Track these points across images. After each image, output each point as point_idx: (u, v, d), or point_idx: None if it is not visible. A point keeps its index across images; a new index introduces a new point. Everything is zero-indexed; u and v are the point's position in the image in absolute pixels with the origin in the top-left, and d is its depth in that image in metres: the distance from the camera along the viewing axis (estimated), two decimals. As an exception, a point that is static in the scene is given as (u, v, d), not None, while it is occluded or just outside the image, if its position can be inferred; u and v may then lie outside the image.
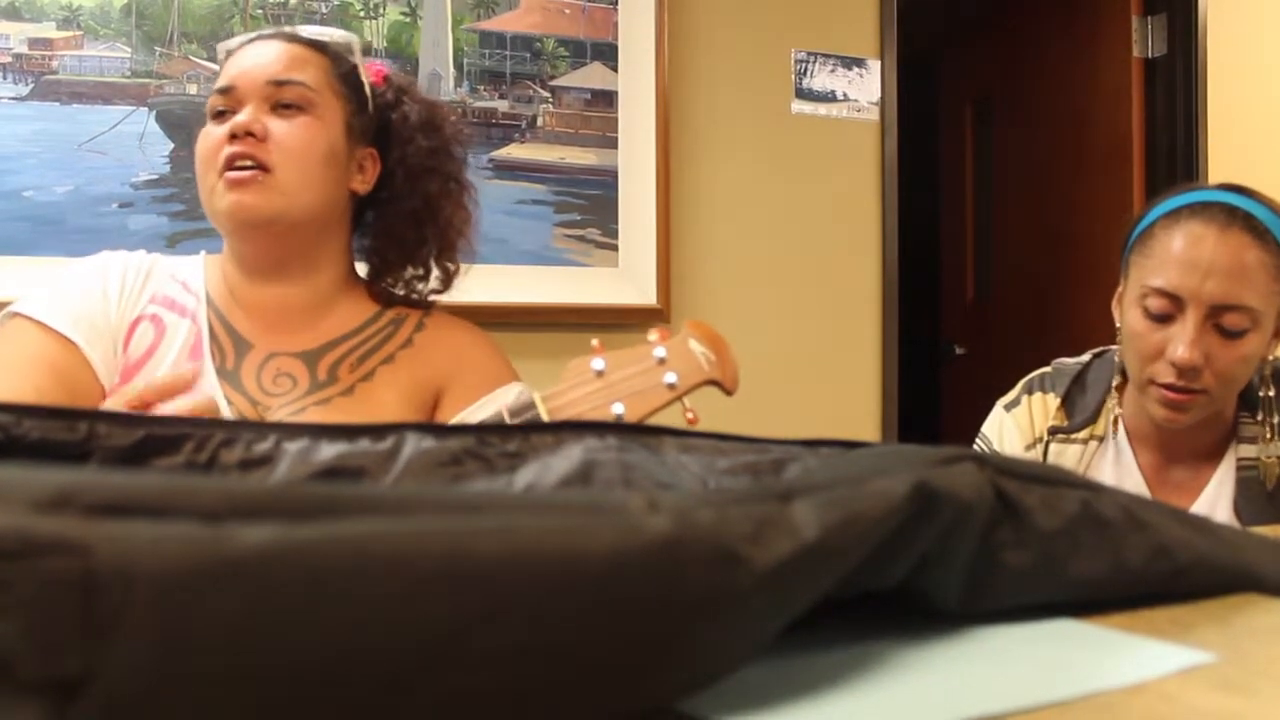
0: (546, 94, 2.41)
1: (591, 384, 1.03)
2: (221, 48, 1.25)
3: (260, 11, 2.17)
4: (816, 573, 0.33)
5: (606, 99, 2.44)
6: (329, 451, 0.51)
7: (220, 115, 1.17)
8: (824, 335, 2.69)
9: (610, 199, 2.43)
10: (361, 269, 1.31)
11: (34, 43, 2.04)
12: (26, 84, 2.03)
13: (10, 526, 0.21)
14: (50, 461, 0.46)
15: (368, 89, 1.26)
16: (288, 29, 1.24)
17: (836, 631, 0.41)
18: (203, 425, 0.50)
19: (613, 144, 2.44)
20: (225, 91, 1.17)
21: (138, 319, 1.18)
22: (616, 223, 2.43)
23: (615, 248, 2.43)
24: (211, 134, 1.16)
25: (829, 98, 2.70)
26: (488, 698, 0.26)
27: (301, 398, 1.16)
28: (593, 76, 2.44)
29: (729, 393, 1.08)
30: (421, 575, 0.24)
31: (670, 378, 1.04)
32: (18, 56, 2.03)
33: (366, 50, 2.23)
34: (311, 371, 1.18)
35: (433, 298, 1.31)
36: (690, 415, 1.06)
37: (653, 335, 1.07)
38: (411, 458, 0.51)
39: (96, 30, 2.07)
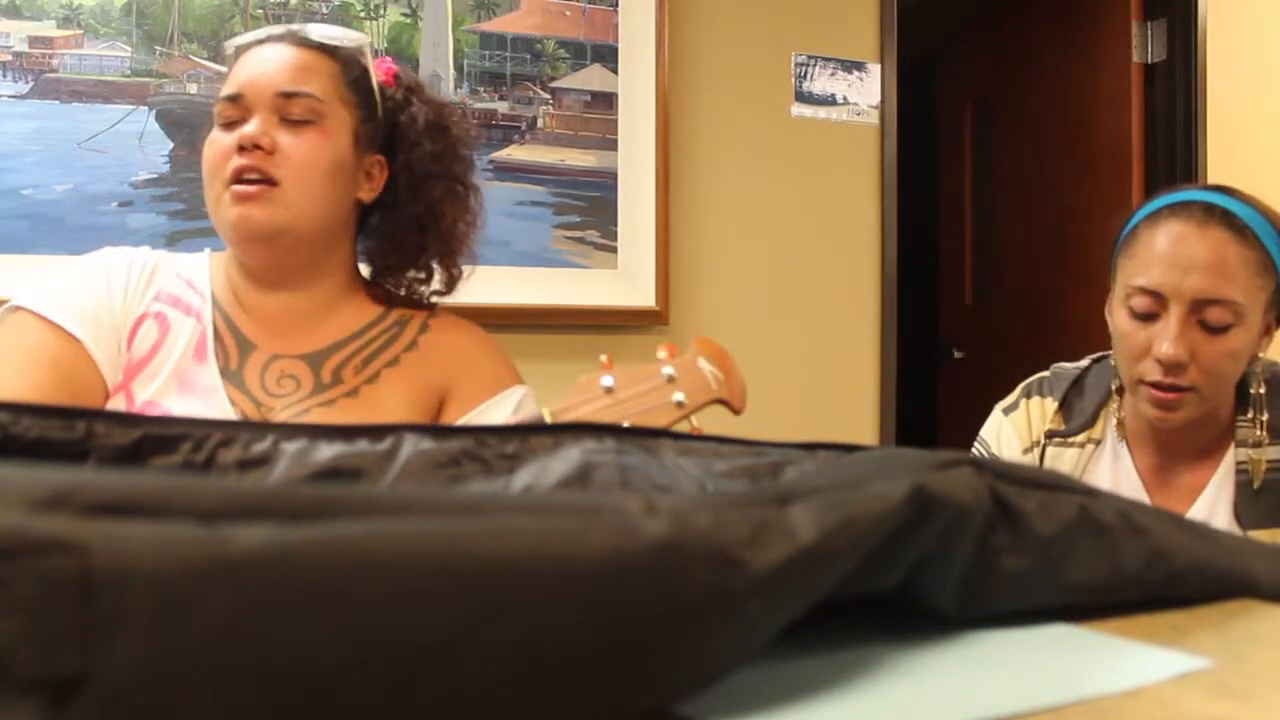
0: (546, 95, 2.41)
1: (600, 400, 1.04)
2: (229, 44, 1.23)
3: (261, 11, 2.17)
4: (813, 576, 0.33)
5: (606, 101, 2.45)
6: (327, 452, 0.51)
7: (229, 124, 1.16)
8: (823, 338, 2.69)
9: (610, 201, 2.43)
10: (365, 269, 1.31)
11: (34, 41, 2.04)
12: (26, 82, 2.03)
13: (7, 526, 0.21)
14: (48, 460, 0.46)
15: (377, 93, 1.24)
16: (298, 29, 1.22)
17: (833, 635, 0.41)
18: (200, 425, 0.50)
19: (613, 146, 2.44)
20: (234, 99, 1.16)
21: (142, 316, 1.18)
22: (616, 224, 2.43)
23: (614, 249, 2.43)
24: (219, 142, 1.15)
25: (829, 101, 2.70)
26: (485, 699, 0.26)
27: (305, 399, 1.16)
28: (593, 78, 2.45)
29: (737, 412, 1.09)
30: (419, 576, 0.24)
31: (678, 396, 1.04)
32: (18, 55, 2.03)
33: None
34: (315, 373, 1.18)
35: (435, 300, 1.31)
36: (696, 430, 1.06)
37: (661, 353, 1.07)
38: (409, 459, 0.51)
39: (97, 29, 2.07)
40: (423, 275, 1.28)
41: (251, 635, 0.22)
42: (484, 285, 2.30)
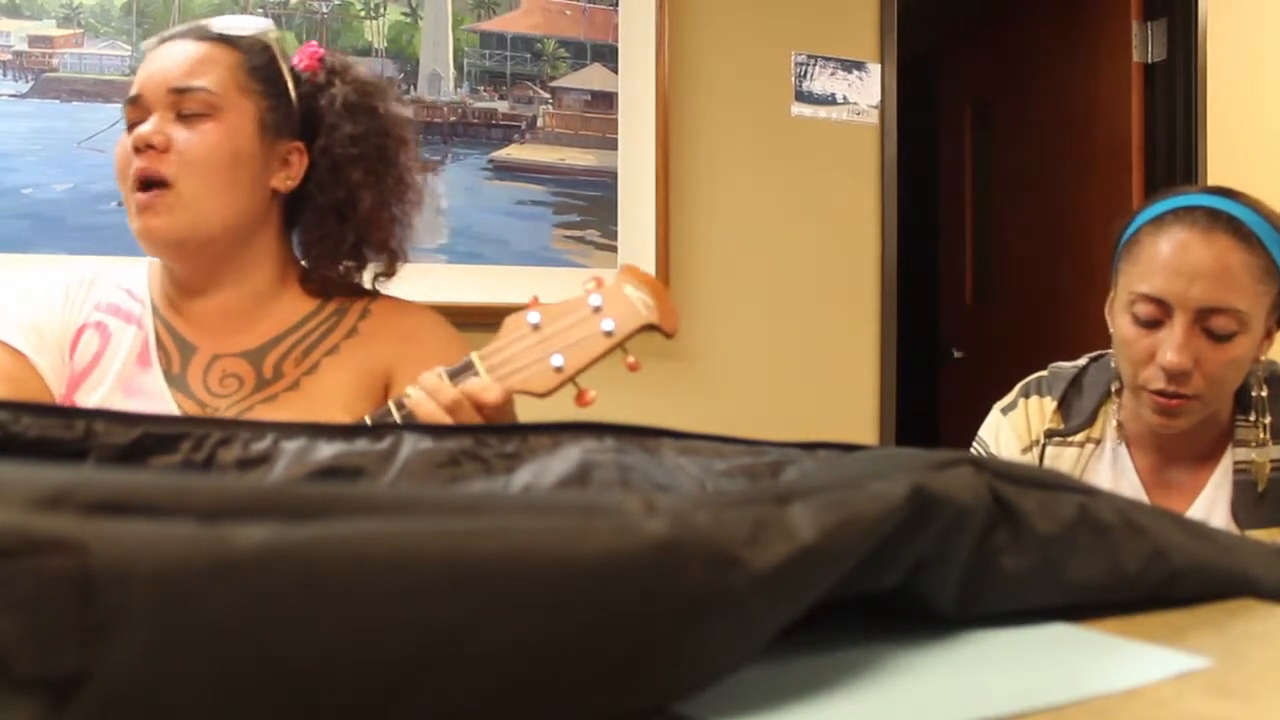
0: (546, 95, 2.41)
1: (529, 338, 1.02)
2: (145, 45, 1.22)
3: (260, 10, 2.17)
4: (813, 575, 0.33)
5: (606, 100, 2.44)
6: (327, 451, 0.51)
7: (132, 126, 1.14)
8: (822, 337, 2.69)
9: (610, 200, 2.43)
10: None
11: (34, 40, 2.04)
12: (26, 81, 2.03)
13: (8, 524, 0.21)
14: (48, 459, 0.46)
15: (288, 78, 1.21)
16: (202, 22, 1.19)
17: (833, 634, 0.41)
18: (200, 424, 0.50)
19: (612, 145, 2.44)
20: (134, 101, 1.14)
21: (82, 327, 1.18)
22: (616, 224, 2.43)
23: (614, 249, 2.43)
24: (123, 145, 1.14)
25: (829, 100, 2.70)
26: (484, 698, 0.26)
27: (248, 396, 1.16)
28: (593, 78, 2.45)
29: (668, 335, 1.05)
30: (419, 576, 0.24)
31: (608, 324, 1.02)
32: (18, 54, 2.03)
33: (366, 50, 2.24)
34: (257, 370, 1.18)
35: (379, 285, 1.29)
36: (631, 359, 1.04)
37: (589, 284, 1.04)
38: (409, 458, 0.51)
39: (97, 28, 2.07)
40: (353, 264, 1.25)
41: (251, 634, 0.22)
42: (483, 284, 2.32)
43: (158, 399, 1.15)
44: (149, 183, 1.11)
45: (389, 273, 1.28)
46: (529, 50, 2.40)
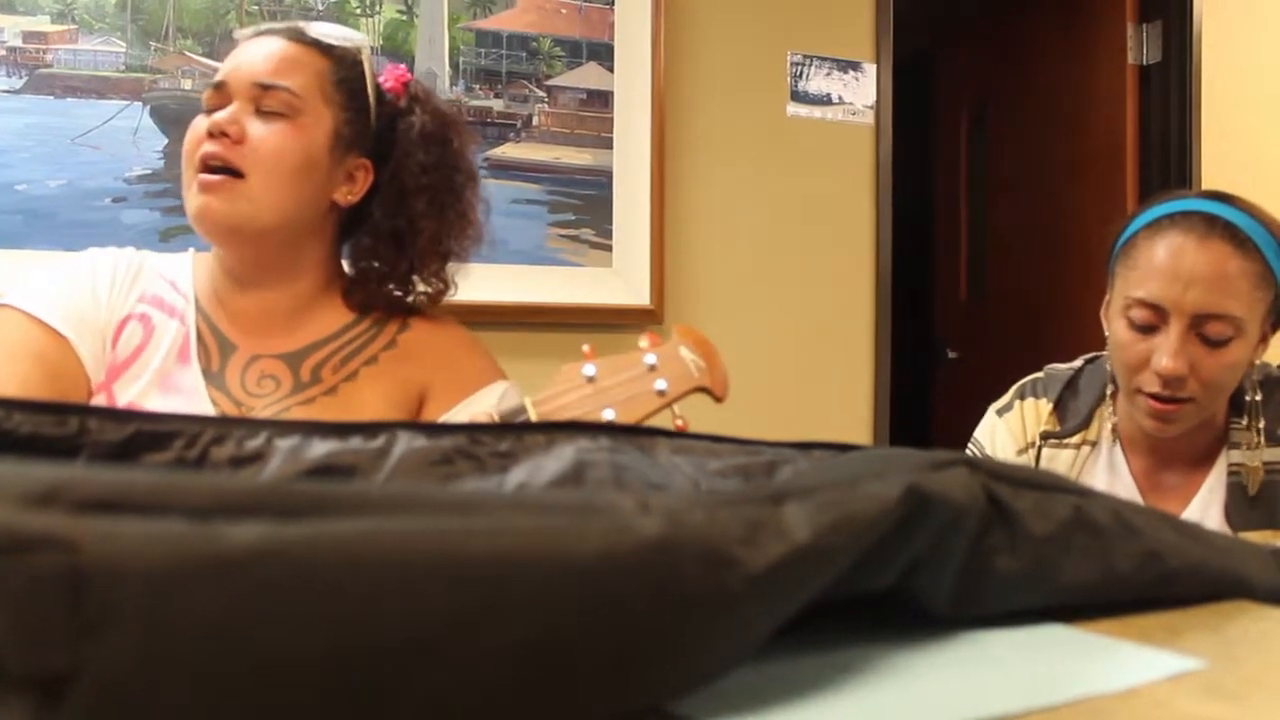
0: (542, 94, 2.41)
1: (582, 389, 1.03)
2: (237, 36, 1.23)
3: (256, 7, 2.17)
4: (808, 575, 0.33)
5: (602, 99, 2.44)
6: (320, 449, 0.50)
7: (211, 110, 1.16)
8: (817, 337, 2.69)
9: (605, 199, 2.43)
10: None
11: (28, 36, 2.03)
12: (20, 77, 2.02)
13: (-2, 522, 0.21)
14: (40, 456, 0.45)
15: (371, 96, 1.23)
16: (300, 24, 1.21)
17: (828, 634, 0.41)
18: (193, 421, 0.50)
19: (608, 144, 2.44)
20: (218, 87, 1.16)
21: (127, 317, 1.18)
22: (611, 223, 2.43)
23: (609, 248, 2.42)
24: (197, 127, 1.15)
25: (824, 100, 2.70)
26: (478, 697, 0.25)
27: (285, 398, 1.16)
28: (589, 77, 2.44)
29: (719, 399, 1.08)
30: (413, 574, 0.24)
31: (661, 384, 1.04)
32: (11, 49, 2.02)
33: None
34: (295, 373, 1.18)
35: (420, 306, 1.29)
36: (680, 422, 1.06)
37: (643, 342, 1.07)
38: (403, 456, 0.51)
39: (91, 24, 2.07)
40: (402, 290, 1.26)
41: (243, 633, 0.22)
42: (478, 283, 2.30)
43: (195, 396, 1.15)
44: (218, 169, 1.12)
45: (434, 301, 1.29)
46: (525, 49, 2.39)
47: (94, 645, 0.21)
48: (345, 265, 1.27)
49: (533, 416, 1.02)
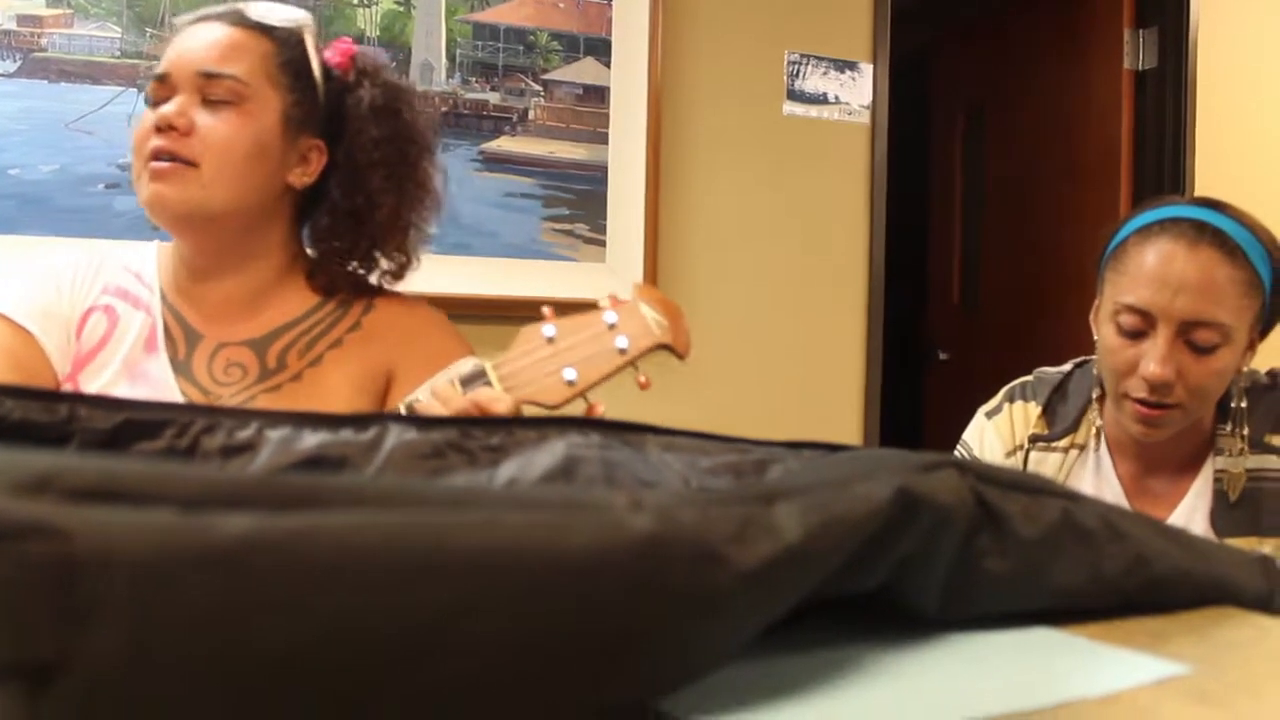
0: (538, 88, 2.40)
1: (542, 350, 1.03)
2: (177, 23, 1.21)
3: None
4: (797, 574, 0.33)
5: (598, 94, 2.44)
6: (311, 440, 0.50)
7: (156, 103, 1.14)
8: (809, 335, 2.69)
9: (599, 194, 2.43)
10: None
11: (23, 19, 2.02)
12: (14, 61, 2.01)
13: (-11, 509, 0.21)
14: (30, 443, 0.45)
15: (318, 75, 1.20)
16: (239, 7, 1.18)
17: (816, 634, 0.41)
18: (184, 411, 0.50)
19: (603, 140, 2.44)
20: (161, 79, 1.14)
21: (90, 309, 1.18)
22: (605, 218, 2.43)
23: (603, 243, 2.42)
24: (144, 121, 1.14)
25: (820, 100, 2.70)
26: (466, 690, 0.25)
27: (251, 385, 1.16)
28: (585, 71, 2.44)
29: (681, 357, 1.07)
30: (403, 567, 0.24)
31: (621, 342, 1.03)
32: (6, 33, 2.01)
33: (359, 39, 2.23)
34: (261, 359, 1.18)
35: (385, 284, 1.28)
36: (642, 378, 1.05)
37: (604, 301, 1.05)
38: (394, 449, 0.51)
39: (87, 9, 2.06)
40: (364, 266, 1.25)
41: (233, 625, 0.22)
42: (471, 276, 2.31)
43: (162, 385, 1.15)
44: (168, 159, 1.11)
45: (398, 276, 1.28)
46: (522, 42, 2.39)
47: (83, 634, 0.21)
48: (307, 248, 1.26)
49: (493, 379, 1.02)
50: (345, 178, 1.21)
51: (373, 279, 1.27)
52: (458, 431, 0.52)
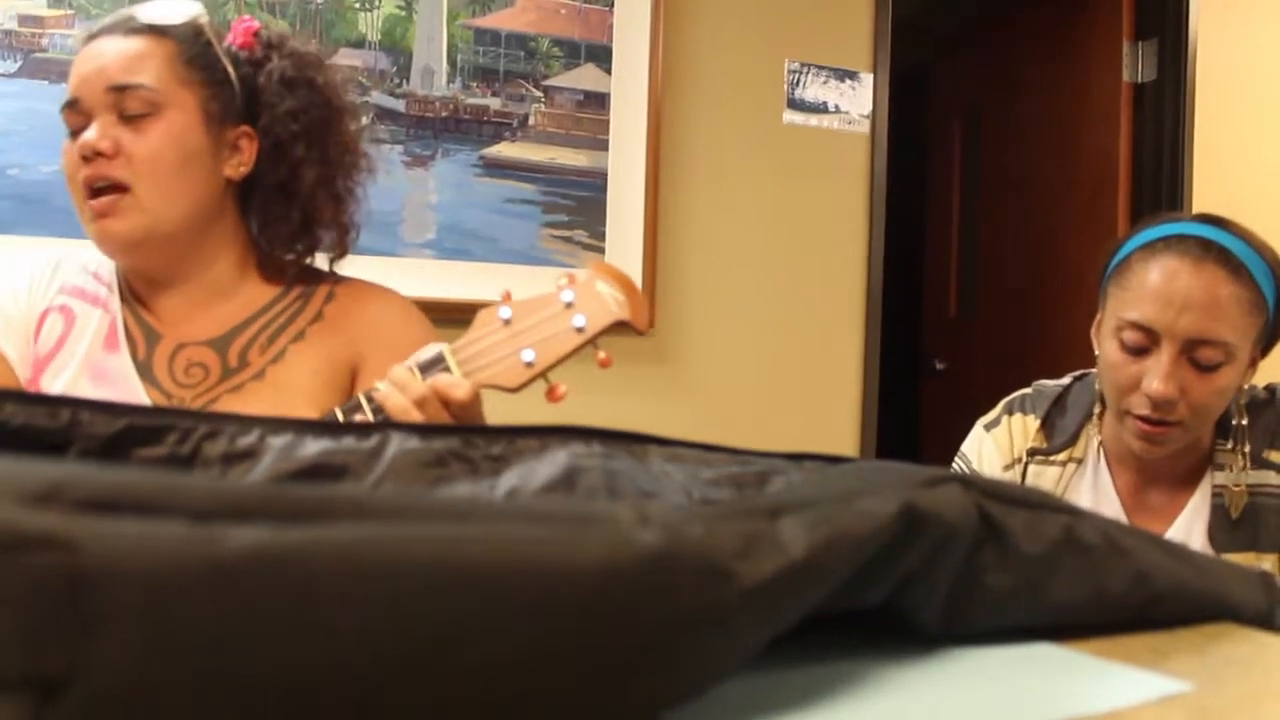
0: (539, 93, 2.40)
1: (500, 333, 1.02)
2: (75, 46, 1.18)
3: (253, 1, 2.16)
4: (802, 590, 0.33)
5: (599, 101, 2.44)
6: (313, 448, 0.50)
7: (75, 132, 1.12)
8: (807, 345, 2.69)
9: (599, 201, 2.43)
10: None
11: (24, 19, 2.02)
12: (15, 61, 2.01)
13: (-2, 520, 0.21)
14: (31, 448, 0.45)
15: (226, 62, 1.18)
16: (127, 12, 1.15)
17: (818, 648, 0.41)
18: (186, 416, 0.50)
19: (603, 146, 2.44)
20: (71, 105, 1.12)
21: (46, 311, 1.17)
22: (604, 225, 2.43)
23: (602, 250, 2.42)
24: (69, 153, 1.12)
25: (820, 109, 2.70)
26: (474, 705, 0.25)
27: (214, 387, 1.15)
28: (586, 78, 2.44)
29: (640, 332, 1.06)
30: (411, 582, 0.24)
31: (579, 321, 1.02)
32: (7, 33, 2.01)
33: (360, 43, 2.23)
34: (222, 358, 1.17)
35: (336, 267, 1.27)
36: (602, 356, 1.04)
37: (561, 280, 1.05)
38: (395, 457, 0.51)
39: (88, 9, 2.06)
40: (306, 241, 1.23)
41: (241, 637, 0.22)
42: (470, 281, 2.31)
43: (126, 383, 1.14)
44: (103, 188, 1.10)
45: (341, 250, 1.25)
46: (523, 48, 2.39)
47: (91, 646, 0.21)
48: (254, 235, 1.24)
49: (451, 364, 1.01)
50: (269, 154, 1.19)
51: (320, 257, 1.25)
52: (460, 440, 0.52)
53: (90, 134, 1.09)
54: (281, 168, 1.19)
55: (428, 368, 1.01)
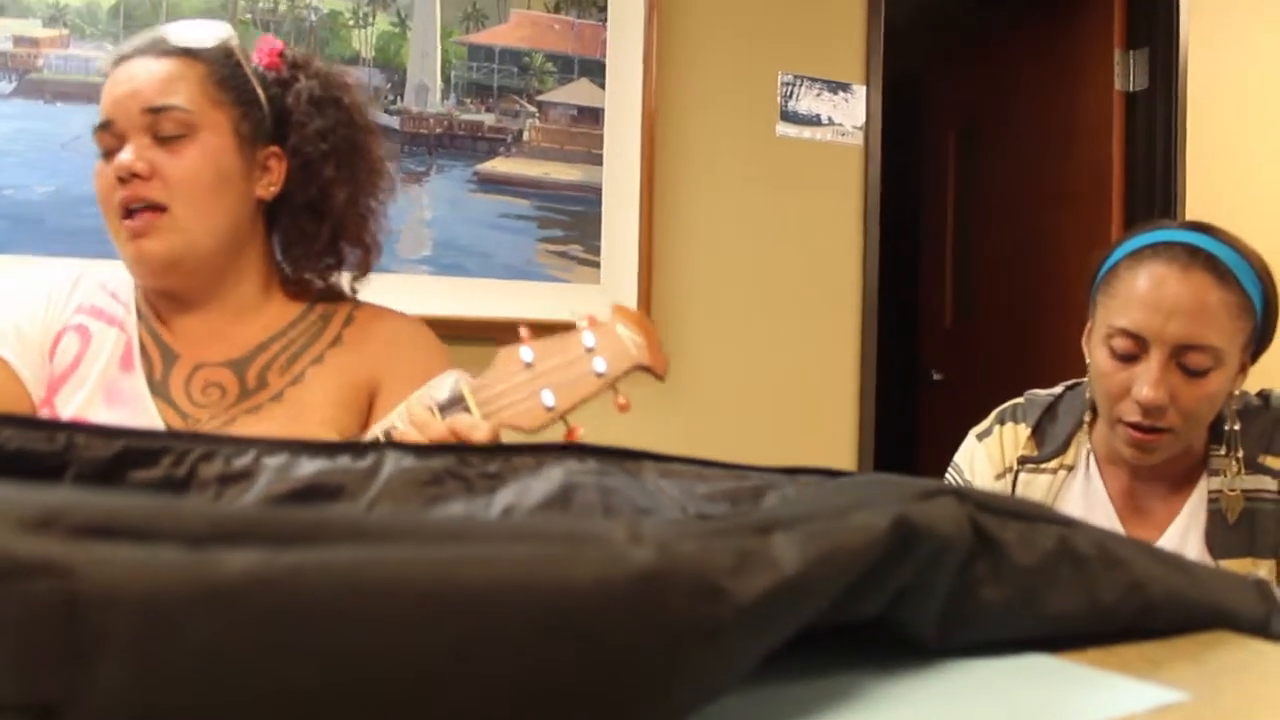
0: (533, 109, 2.41)
1: (521, 374, 1.02)
2: (100, 68, 1.19)
3: (249, 16, 2.17)
4: (796, 606, 0.33)
5: (593, 116, 2.45)
6: (308, 468, 0.50)
7: (108, 153, 1.12)
8: (803, 357, 2.69)
9: (594, 215, 2.44)
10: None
11: (19, 40, 2.03)
12: (10, 81, 2.02)
13: (-6, 547, 0.21)
14: (27, 471, 0.45)
15: (255, 82, 1.19)
16: (158, 34, 1.16)
17: (812, 661, 0.41)
18: (181, 439, 0.50)
19: (598, 161, 2.44)
20: (106, 127, 1.12)
21: (63, 330, 1.17)
22: (599, 239, 2.44)
23: (597, 264, 2.43)
24: (103, 174, 1.12)
25: (814, 121, 2.71)
26: (467, 728, 0.25)
27: (231, 407, 1.15)
28: (580, 93, 2.45)
29: (659, 378, 1.07)
30: (406, 604, 0.24)
31: (599, 365, 1.02)
32: (2, 54, 2.01)
33: (354, 60, 2.24)
34: (240, 379, 1.17)
35: (357, 285, 1.28)
36: (621, 400, 1.04)
37: (581, 322, 1.05)
38: (391, 476, 0.51)
39: (83, 29, 2.06)
40: (332, 260, 1.24)
41: (236, 663, 0.22)
42: (465, 297, 2.31)
43: (139, 405, 1.14)
44: (138, 209, 1.10)
45: (364, 268, 1.27)
46: (516, 63, 2.40)
47: (87, 672, 0.21)
48: (278, 255, 1.25)
49: (472, 405, 1.02)
50: (298, 173, 1.20)
51: (344, 276, 1.26)
52: (455, 458, 0.52)
53: (126, 155, 1.10)
54: (311, 187, 1.20)
55: (447, 407, 1.02)
